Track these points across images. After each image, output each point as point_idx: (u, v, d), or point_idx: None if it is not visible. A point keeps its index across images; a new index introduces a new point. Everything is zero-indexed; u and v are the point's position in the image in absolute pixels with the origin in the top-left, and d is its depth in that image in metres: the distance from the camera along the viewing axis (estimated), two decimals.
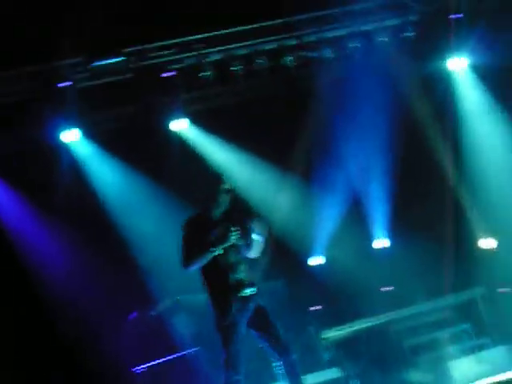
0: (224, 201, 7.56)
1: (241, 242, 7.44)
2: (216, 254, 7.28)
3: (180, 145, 11.62)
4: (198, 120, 11.54)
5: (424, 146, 11.91)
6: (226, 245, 7.32)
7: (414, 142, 11.82)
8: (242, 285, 7.34)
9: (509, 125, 11.88)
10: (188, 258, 7.29)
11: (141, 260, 11.11)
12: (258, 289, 7.43)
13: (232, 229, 7.34)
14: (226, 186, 7.57)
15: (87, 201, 11.10)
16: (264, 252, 7.68)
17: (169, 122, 11.38)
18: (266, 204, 11.35)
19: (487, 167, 11.90)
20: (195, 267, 7.34)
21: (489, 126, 12.10)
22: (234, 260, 7.41)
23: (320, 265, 12.11)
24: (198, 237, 7.34)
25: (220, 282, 7.33)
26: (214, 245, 7.29)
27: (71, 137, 10.84)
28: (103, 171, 11.25)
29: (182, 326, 10.37)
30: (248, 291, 7.34)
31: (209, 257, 7.27)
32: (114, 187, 11.21)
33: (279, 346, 7.37)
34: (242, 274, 7.40)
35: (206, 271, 7.39)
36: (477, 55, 11.92)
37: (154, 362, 10.00)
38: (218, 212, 7.57)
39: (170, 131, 11.44)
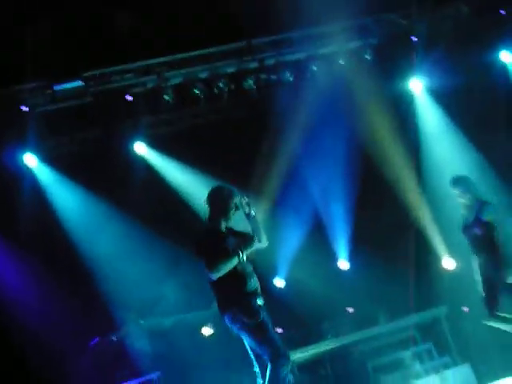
0: (233, 215, 7.68)
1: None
2: (240, 259, 7.39)
3: (142, 167, 11.58)
4: (159, 143, 11.53)
5: (384, 168, 11.98)
6: (249, 250, 7.48)
7: (374, 164, 11.87)
8: (257, 293, 7.47)
9: (466, 145, 12.05)
10: (216, 265, 7.31)
11: (103, 284, 11.02)
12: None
13: (252, 236, 7.54)
14: (237, 201, 7.66)
15: (48, 226, 11.01)
16: None
17: (130, 146, 11.36)
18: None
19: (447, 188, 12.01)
20: (222, 273, 7.33)
21: (448, 146, 12.25)
22: (249, 270, 7.53)
23: (283, 287, 12.08)
24: (217, 247, 7.43)
25: (241, 288, 7.40)
26: (241, 249, 7.40)
27: (31, 162, 10.80)
28: (64, 196, 11.17)
29: (144, 350, 10.30)
30: (261, 301, 7.48)
31: (235, 262, 7.35)
32: (74, 212, 11.13)
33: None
34: (256, 283, 7.53)
35: (226, 279, 7.39)
36: (434, 77, 12.11)
37: None
38: (224, 226, 7.65)
39: (132, 154, 11.40)
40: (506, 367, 9.39)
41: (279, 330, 11.46)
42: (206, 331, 11.33)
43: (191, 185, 11.55)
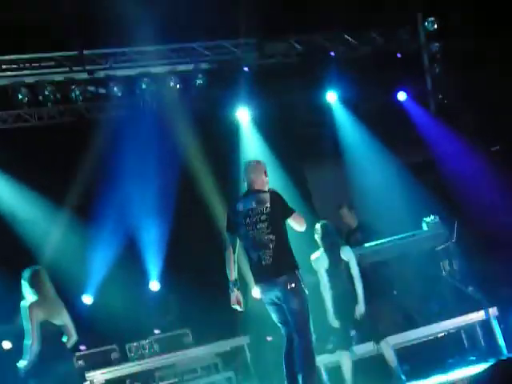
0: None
1: None
2: None
3: None
4: None
5: (202, 193, 12.04)
6: None
7: (192, 188, 11.91)
8: None
9: (284, 175, 12.39)
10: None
11: None
12: None
13: None
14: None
15: None
16: None
17: None
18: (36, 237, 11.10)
19: None
20: None
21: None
22: None
23: (91, 303, 11.84)
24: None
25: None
26: None
27: None
28: None
29: None
30: None
31: None
32: None
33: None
34: None
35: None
36: (261, 109, 12.36)
37: None
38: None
39: None
40: None
41: (82, 348, 11.25)
42: (6, 345, 10.97)
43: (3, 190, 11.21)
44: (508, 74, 12.33)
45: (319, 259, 9.25)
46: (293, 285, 7.18)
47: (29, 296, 8.09)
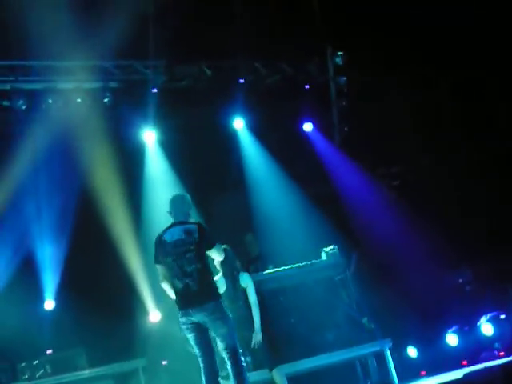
0: None
1: None
2: None
3: None
4: None
5: (103, 212, 11.90)
6: None
7: (94, 207, 11.75)
8: None
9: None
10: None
11: None
12: None
13: None
14: None
15: None
16: None
17: None
18: None
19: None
20: None
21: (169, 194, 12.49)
22: None
23: None
24: None
25: None
26: None
27: None
28: None
29: None
30: None
31: None
32: None
33: None
34: None
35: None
36: (166, 129, 12.36)
37: None
38: None
39: None
40: None
41: None
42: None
43: None
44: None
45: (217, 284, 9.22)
46: (220, 311, 7.66)
47: None
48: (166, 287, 7.75)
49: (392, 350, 10.24)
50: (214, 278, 9.12)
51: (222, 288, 9.16)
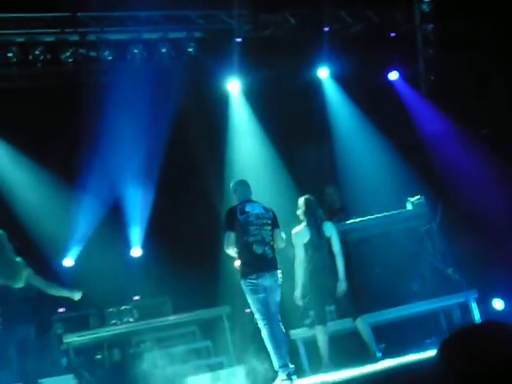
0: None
1: None
2: None
3: None
4: None
5: (191, 160, 12.02)
6: None
7: (181, 154, 11.88)
8: None
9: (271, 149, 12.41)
10: None
11: None
12: None
13: None
14: None
15: None
16: None
17: None
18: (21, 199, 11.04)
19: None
20: None
21: (253, 147, 12.53)
22: None
23: (72, 267, 11.81)
24: None
25: None
26: None
27: None
28: None
29: None
30: None
31: None
32: None
33: None
34: None
35: None
36: (250, 80, 12.33)
37: None
38: None
39: None
40: None
41: (61, 310, 11.25)
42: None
43: None
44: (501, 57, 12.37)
45: (300, 233, 9.24)
46: (281, 279, 8.62)
47: None
48: (232, 252, 8.61)
49: (477, 301, 10.13)
50: (296, 228, 9.22)
51: (305, 237, 9.19)
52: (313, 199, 9.40)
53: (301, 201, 9.38)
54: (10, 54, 11.00)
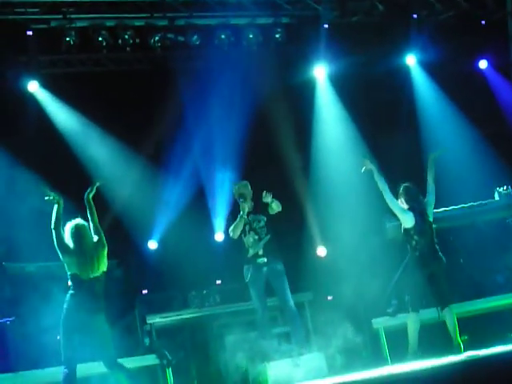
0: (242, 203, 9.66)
1: None
2: None
3: (34, 108, 11.25)
4: (52, 84, 11.21)
5: (275, 147, 12.03)
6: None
7: (265, 142, 11.89)
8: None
9: (359, 138, 12.30)
10: None
11: None
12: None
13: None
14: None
15: None
16: None
17: (24, 82, 11.01)
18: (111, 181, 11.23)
19: (335, 175, 12.18)
20: None
21: (340, 137, 12.45)
22: None
23: (156, 249, 11.98)
24: None
25: None
26: None
27: None
28: None
29: (3, 293, 10.04)
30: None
31: None
32: None
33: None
34: None
35: None
36: (337, 67, 12.26)
37: None
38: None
39: (25, 92, 11.06)
40: (361, 361, 9.61)
41: (144, 292, 11.44)
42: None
43: (78, 132, 11.35)
44: None
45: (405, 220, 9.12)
46: None
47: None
48: None
49: None
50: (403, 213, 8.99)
51: (410, 223, 9.04)
52: (412, 186, 9.27)
53: (401, 190, 9.26)
54: (100, 38, 11.23)
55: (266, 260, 9.49)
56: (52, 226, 7.77)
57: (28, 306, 9.86)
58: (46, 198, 7.79)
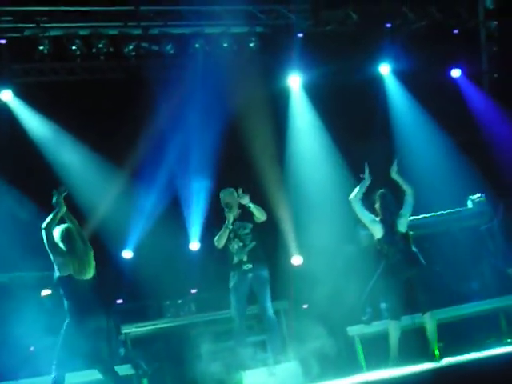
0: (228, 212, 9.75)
1: None
2: None
3: (6, 117, 11.19)
4: (26, 93, 11.15)
5: (250, 155, 12.03)
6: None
7: (240, 150, 11.90)
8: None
9: (332, 147, 12.34)
10: None
11: None
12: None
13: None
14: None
15: None
16: None
17: None
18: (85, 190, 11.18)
19: (309, 184, 12.22)
20: None
21: (314, 145, 12.49)
22: None
23: (131, 259, 11.92)
24: None
25: None
26: None
27: None
28: None
29: None
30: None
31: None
32: None
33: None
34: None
35: None
36: (311, 76, 12.30)
37: None
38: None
39: None
40: (337, 369, 9.63)
41: (119, 301, 11.39)
42: (45, 292, 11.11)
43: (52, 142, 11.30)
44: None
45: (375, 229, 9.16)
46: None
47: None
48: None
49: None
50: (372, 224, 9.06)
51: (379, 233, 9.09)
52: (388, 193, 9.31)
53: (377, 195, 9.29)
54: (73, 47, 11.20)
55: (251, 266, 9.62)
56: (43, 226, 7.72)
57: (0, 316, 9.80)
58: (55, 197, 7.72)
